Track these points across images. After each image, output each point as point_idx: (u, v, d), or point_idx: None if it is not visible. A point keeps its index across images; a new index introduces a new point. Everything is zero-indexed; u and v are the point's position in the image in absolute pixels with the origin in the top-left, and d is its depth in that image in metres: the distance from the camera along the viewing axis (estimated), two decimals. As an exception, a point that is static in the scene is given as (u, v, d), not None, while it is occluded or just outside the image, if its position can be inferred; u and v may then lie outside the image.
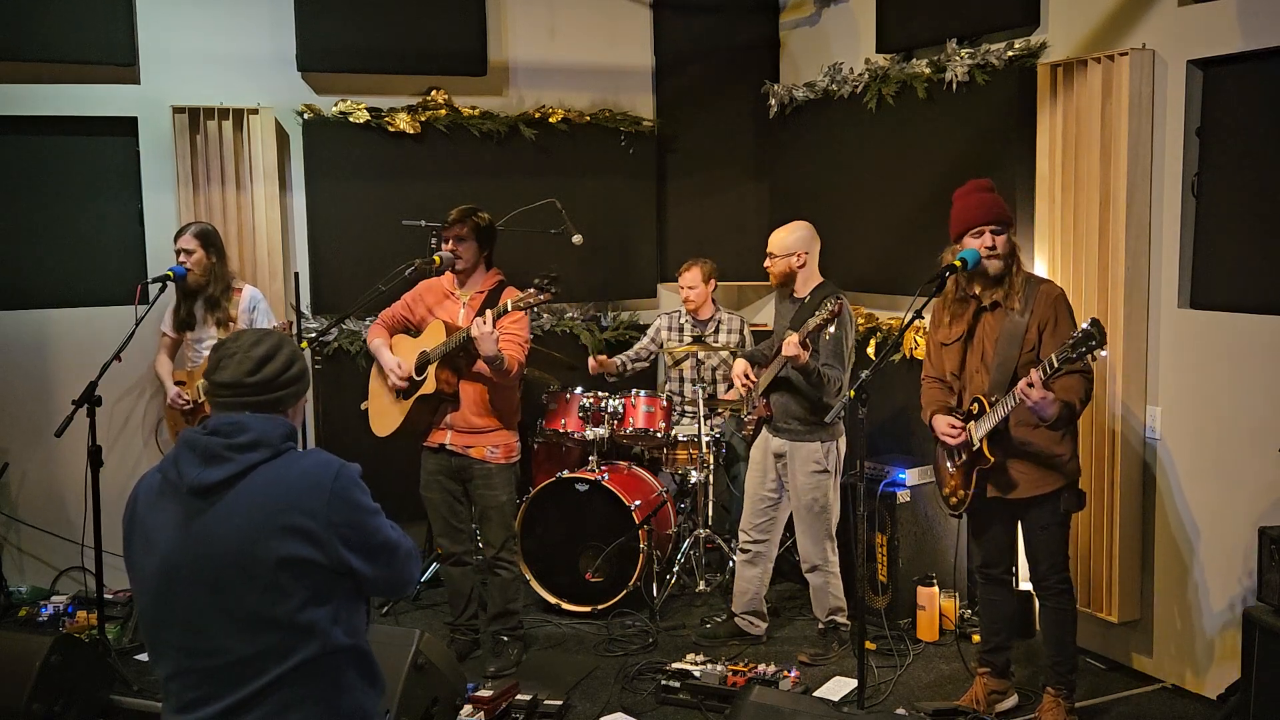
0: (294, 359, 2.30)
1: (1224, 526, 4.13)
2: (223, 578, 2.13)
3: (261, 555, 2.11)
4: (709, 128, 6.53)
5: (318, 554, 2.14)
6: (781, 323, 4.73)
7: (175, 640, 2.18)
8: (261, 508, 2.14)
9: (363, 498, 2.24)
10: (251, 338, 2.29)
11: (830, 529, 4.66)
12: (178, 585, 2.16)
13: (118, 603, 5.41)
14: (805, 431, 4.57)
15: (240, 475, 2.16)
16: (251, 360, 2.23)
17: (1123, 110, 4.27)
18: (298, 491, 2.16)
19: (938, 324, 4.06)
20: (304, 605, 2.14)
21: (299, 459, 2.23)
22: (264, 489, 2.16)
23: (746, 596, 4.85)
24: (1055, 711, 3.92)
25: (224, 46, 5.67)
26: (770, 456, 4.71)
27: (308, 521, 2.14)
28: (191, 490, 2.16)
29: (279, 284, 5.70)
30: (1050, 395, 3.54)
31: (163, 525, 2.19)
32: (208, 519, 2.15)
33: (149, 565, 2.20)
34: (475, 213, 4.54)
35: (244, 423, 2.20)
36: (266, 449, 2.19)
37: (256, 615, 2.12)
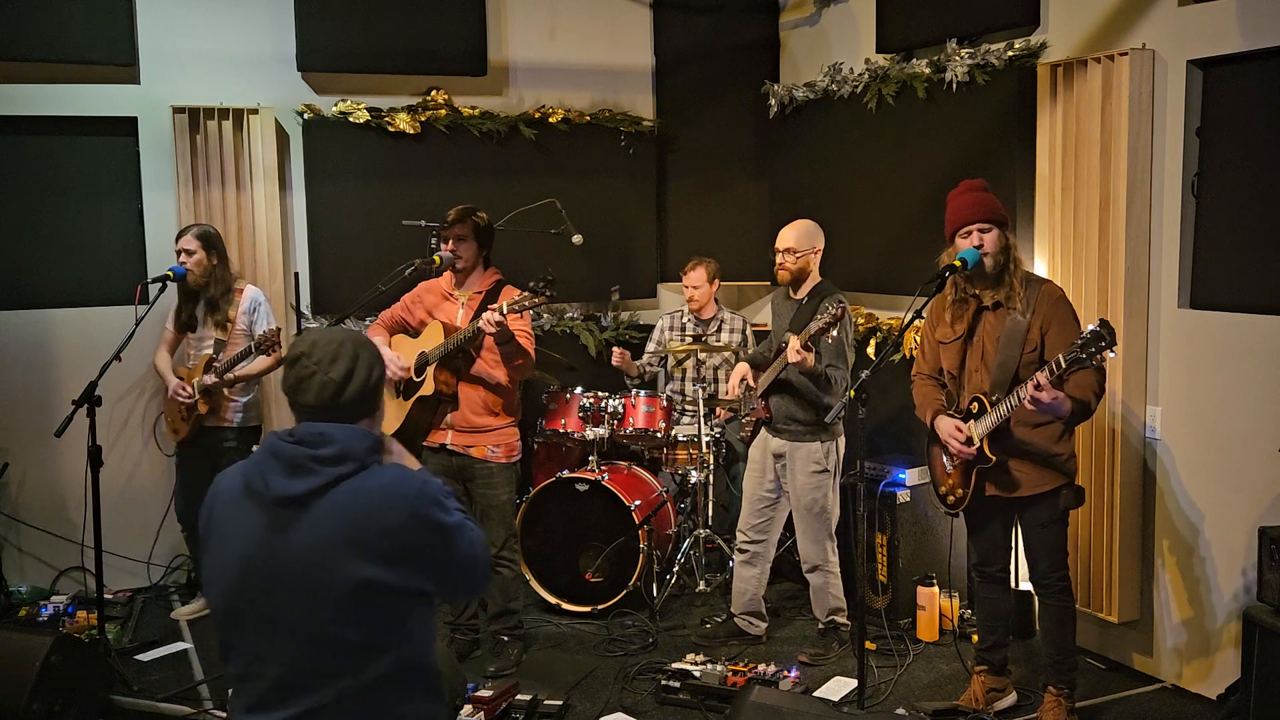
0: (373, 366, 2.25)
1: (1224, 526, 4.13)
2: (298, 592, 2.12)
3: (338, 575, 2.11)
4: (709, 128, 6.53)
5: (393, 577, 2.13)
6: (780, 323, 4.72)
7: (247, 645, 2.18)
8: (342, 525, 2.12)
9: (444, 518, 2.20)
10: (326, 352, 2.21)
11: (830, 529, 4.66)
12: (253, 592, 2.15)
13: (118, 603, 5.42)
14: (805, 432, 4.57)
15: (324, 489, 2.14)
16: (334, 384, 2.19)
17: (1123, 110, 4.27)
18: (379, 510, 2.14)
19: (935, 322, 4.06)
20: (376, 626, 2.13)
21: (381, 475, 2.20)
22: (346, 506, 2.14)
23: (745, 596, 4.85)
24: (1056, 711, 3.93)
25: (224, 46, 5.67)
26: (769, 456, 4.71)
27: (386, 542, 2.12)
28: (275, 500, 2.15)
29: (279, 284, 5.70)
30: (1061, 395, 3.54)
31: (242, 530, 2.18)
32: (289, 531, 2.14)
33: (226, 569, 2.20)
34: (474, 213, 4.55)
35: (330, 434, 2.17)
36: (352, 463, 2.16)
37: (328, 632, 2.12)
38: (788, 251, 4.60)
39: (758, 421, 4.74)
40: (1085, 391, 3.66)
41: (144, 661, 4.75)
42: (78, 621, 4.99)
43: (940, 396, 4.00)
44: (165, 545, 5.68)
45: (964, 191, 3.89)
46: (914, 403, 4.11)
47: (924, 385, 4.08)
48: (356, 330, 2.39)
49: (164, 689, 4.41)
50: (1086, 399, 3.66)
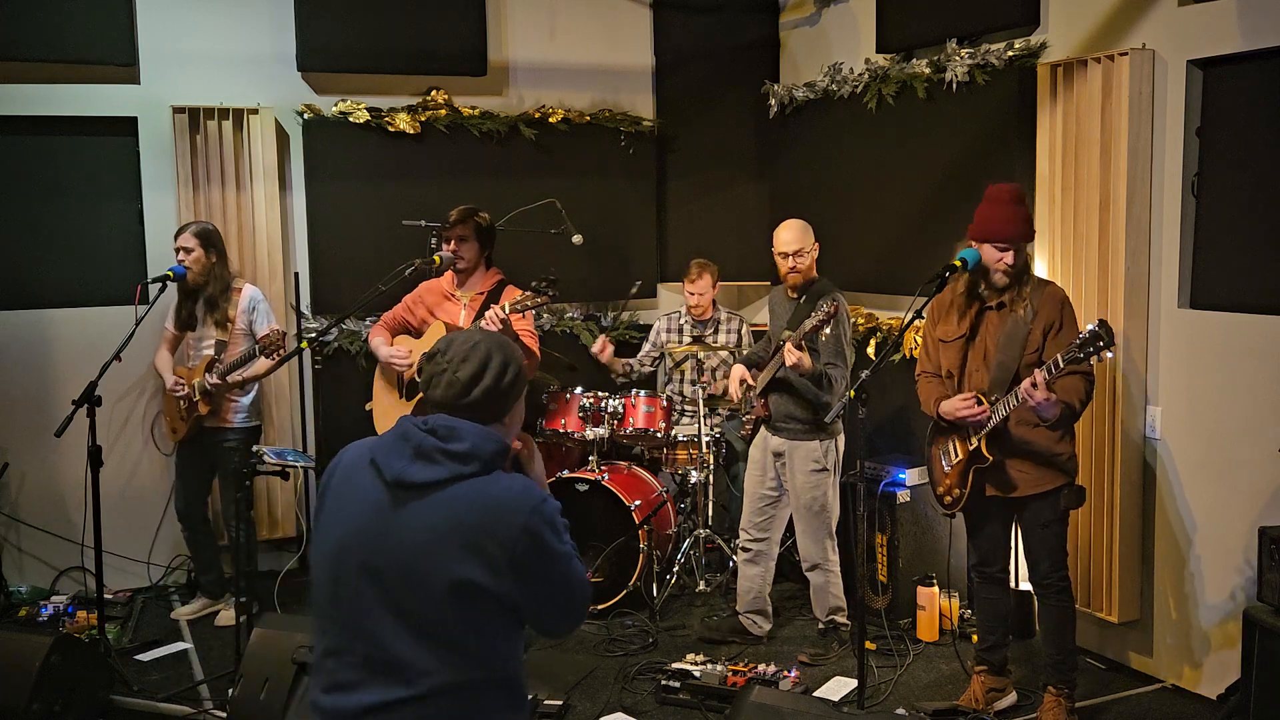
0: (505, 368, 2.24)
1: (1224, 526, 4.13)
2: (397, 577, 2.12)
3: (438, 569, 2.10)
4: (709, 128, 6.53)
5: (492, 583, 2.11)
6: (778, 322, 4.72)
7: (341, 616, 2.17)
8: (454, 522, 2.12)
9: (554, 540, 2.18)
10: (460, 351, 2.23)
11: (830, 528, 4.66)
12: (355, 567, 2.15)
13: (118, 603, 5.42)
14: (804, 431, 4.57)
15: (445, 482, 2.14)
16: (460, 383, 2.20)
17: (1123, 110, 4.27)
18: (492, 516, 2.13)
19: (937, 320, 4.06)
20: (466, 626, 2.12)
21: (502, 482, 2.19)
22: (462, 504, 2.13)
23: (750, 595, 4.85)
24: (1057, 711, 3.93)
25: (224, 46, 5.67)
26: (769, 455, 4.71)
27: (493, 548, 2.11)
28: (394, 482, 2.15)
29: (279, 284, 5.70)
30: (1053, 397, 3.56)
31: (356, 504, 2.19)
32: (401, 515, 2.14)
33: (332, 538, 2.20)
34: (476, 213, 4.55)
35: (461, 430, 2.17)
36: (477, 463, 2.16)
37: (421, 623, 2.11)
38: (798, 254, 4.58)
39: (757, 420, 4.74)
40: (1071, 396, 3.68)
41: (144, 661, 4.75)
42: (78, 621, 4.99)
43: (945, 392, 4.00)
44: (165, 545, 5.68)
45: (1003, 202, 3.84)
46: (918, 400, 4.12)
47: (928, 382, 4.08)
48: (501, 334, 2.37)
49: (164, 689, 4.41)
50: (1071, 403, 3.69)
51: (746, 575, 4.84)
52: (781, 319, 4.69)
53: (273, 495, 5.74)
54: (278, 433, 5.71)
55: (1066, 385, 3.66)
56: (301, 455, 4.78)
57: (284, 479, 4.66)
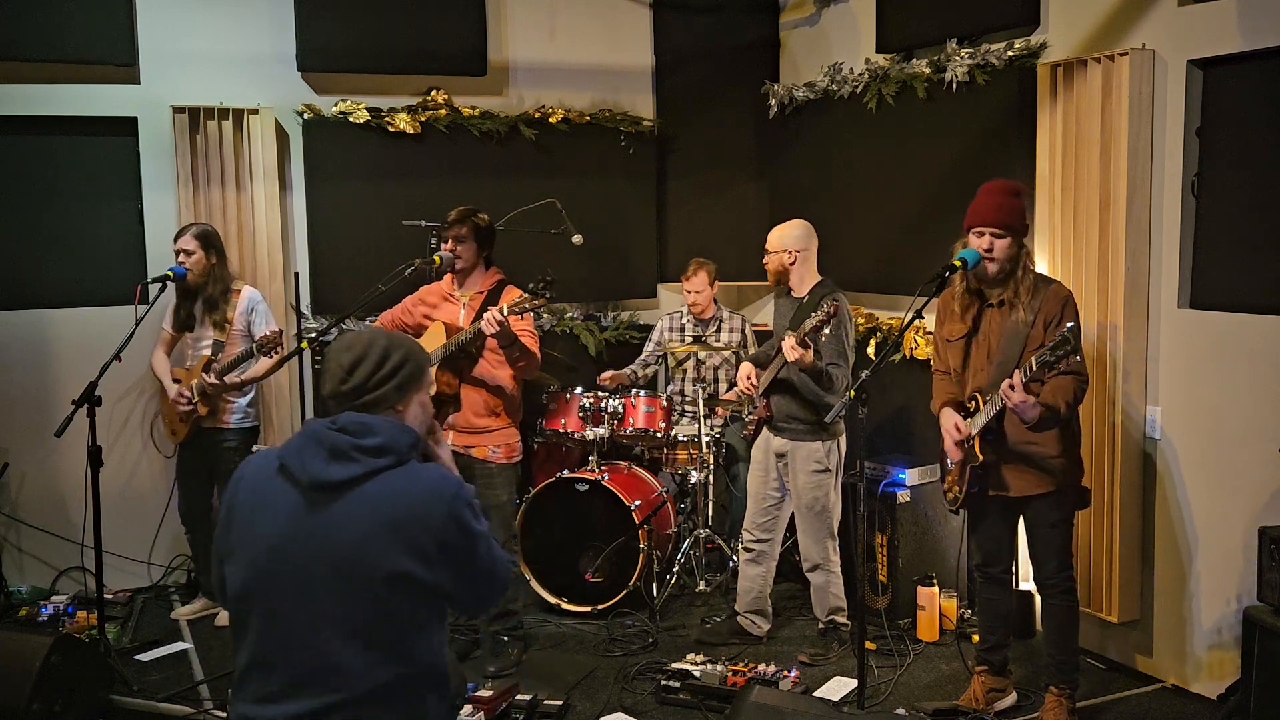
0: (386, 354, 2.26)
1: (1224, 526, 4.13)
2: (327, 579, 2.12)
3: (371, 565, 2.11)
4: (709, 128, 6.53)
5: (422, 570, 2.14)
6: (781, 322, 4.73)
7: (266, 628, 2.16)
8: (380, 516, 2.13)
9: (474, 523, 2.23)
10: (343, 343, 2.29)
11: (832, 528, 4.66)
12: (280, 574, 2.15)
13: (118, 603, 5.42)
14: (806, 431, 4.57)
15: (364, 478, 2.16)
16: (341, 369, 2.24)
17: (1123, 110, 4.27)
18: (417, 507, 2.15)
19: (942, 319, 4.07)
20: (398, 620, 2.13)
21: (421, 472, 2.22)
22: (385, 497, 2.15)
23: (751, 595, 4.85)
24: (1058, 711, 3.92)
25: (224, 46, 5.67)
26: (771, 456, 4.71)
27: (421, 536, 2.14)
28: (312, 484, 2.16)
29: (279, 284, 5.70)
30: (1030, 399, 3.55)
31: (273, 513, 2.18)
32: (324, 517, 2.14)
33: (252, 551, 2.18)
34: (475, 213, 4.55)
35: (372, 425, 2.19)
36: (392, 456, 2.18)
37: (353, 624, 2.11)
38: (768, 251, 4.68)
39: (759, 421, 4.74)
40: (1058, 397, 3.65)
41: (144, 661, 4.75)
42: (78, 621, 4.99)
43: (957, 391, 4.00)
44: (165, 545, 5.68)
45: (994, 191, 3.85)
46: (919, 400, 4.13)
47: (942, 380, 4.08)
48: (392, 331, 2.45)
49: (164, 689, 4.41)
50: (1056, 405, 3.64)
51: (748, 575, 4.84)
52: (785, 318, 4.70)
53: (273, 495, 5.73)
54: (278, 433, 5.71)
55: (1056, 386, 3.65)
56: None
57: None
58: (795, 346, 4.24)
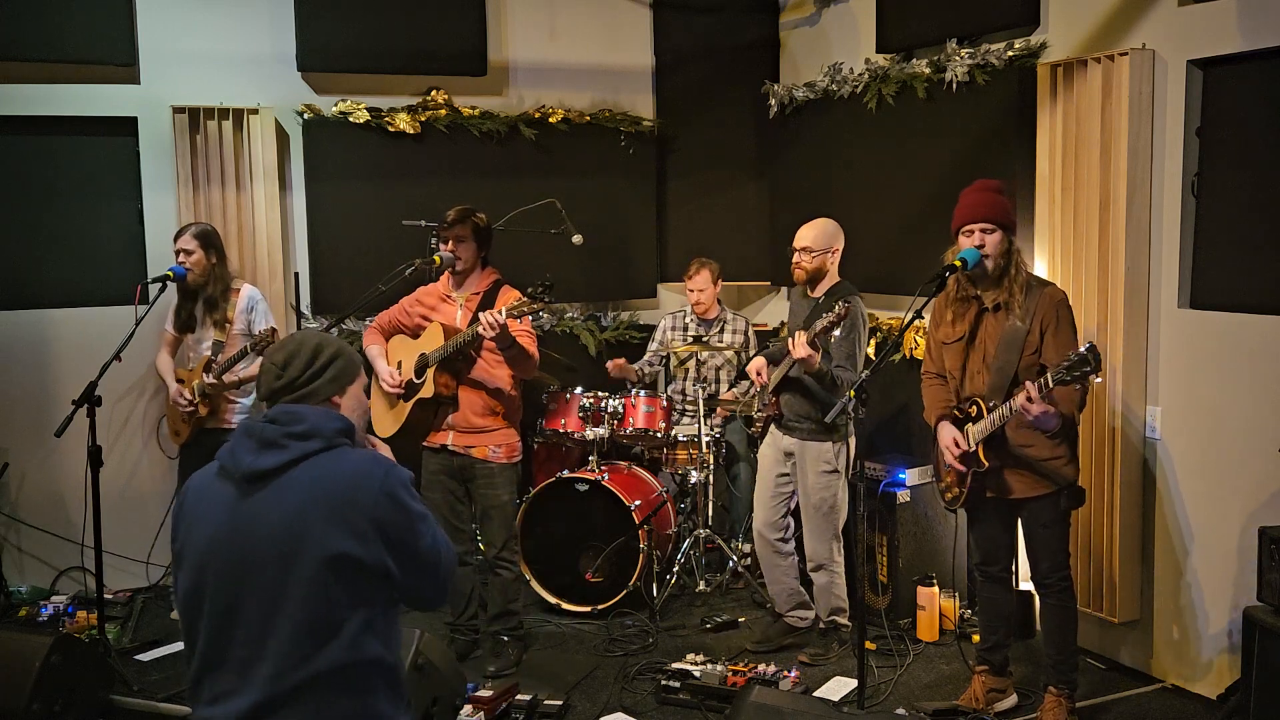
0: (318, 351, 2.35)
1: (1224, 526, 4.13)
2: (266, 567, 2.15)
3: (306, 546, 2.14)
4: (709, 128, 6.53)
5: (361, 551, 2.16)
6: (795, 321, 4.71)
7: (210, 628, 2.18)
8: (311, 498, 2.17)
9: (411, 501, 2.26)
10: (277, 346, 2.38)
11: (837, 529, 4.66)
12: (221, 569, 2.18)
13: (118, 603, 5.42)
14: (815, 431, 4.56)
15: (293, 463, 2.21)
16: (275, 368, 2.32)
17: (1123, 110, 4.27)
18: (348, 485, 2.19)
19: (938, 322, 4.07)
20: (340, 605, 2.15)
21: (351, 454, 2.27)
22: (316, 480, 2.20)
23: (787, 591, 4.81)
24: (1057, 711, 3.92)
25: (224, 46, 5.67)
26: (781, 454, 4.70)
27: (355, 515, 2.17)
28: (245, 476, 2.21)
29: (279, 284, 5.71)
30: (1052, 410, 3.55)
31: (212, 509, 2.23)
32: (256, 503, 2.19)
33: (192, 548, 2.23)
34: (473, 213, 4.55)
35: (300, 413, 2.26)
36: (320, 440, 2.24)
37: (296, 610, 2.13)
38: (804, 250, 4.59)
39: (768, 418, 4.74)
40: (1069, 406, 3.68)
41: (144, 661, 4.75)
42: (78, 621, 4.99)
43: (948, 398, 4.00)
44: (165, 545, 5.66)
45: (976, 190, 3.88)
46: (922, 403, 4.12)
47: (933, 385, 4.08)
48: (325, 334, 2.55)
49: (164, 689, 4.41)
50: (1071, 413, 3.70)
51: (777, 577, 4.79)
52: (799, 317, 4.69)
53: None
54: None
55: (1063, 395, 3.65)
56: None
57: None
58: (803, 345, 4.24)
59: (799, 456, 4.63)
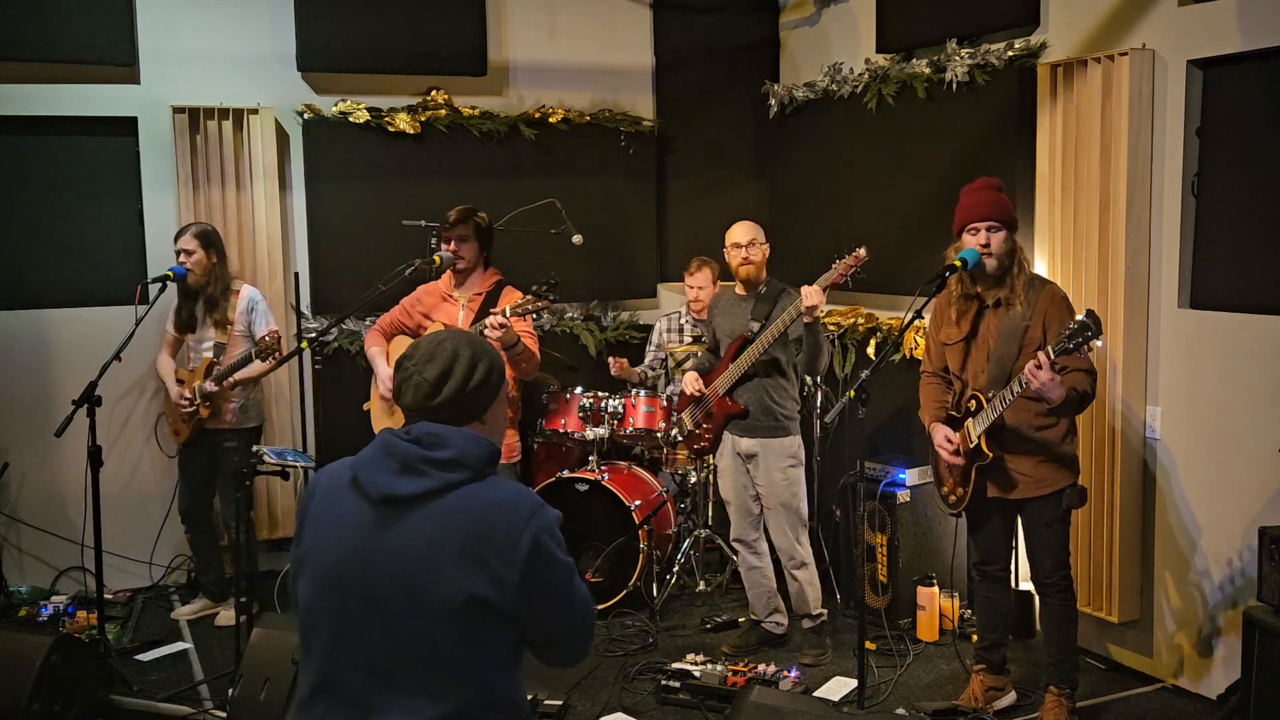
0: (474, 364, 2.13)
1: (1224, 526, 4.13)
2: (395, 599, 2.01)
3: (439, 587, 1.99)
4: (709, 128, 6.52)
5: (495, 595, 2.01)
6: (732, 323, 4.70)
7: (328, 648, 2.07)
8: (449, 534, 2.01)
9: (556, 549, 2.08)
10: (425, 353, 2.14)
11: (804, 520, 4.67)
12: (347, 590, 2.04)
13: (118, 603, 5.42)
14: (778, 427, 4.57)
15: (435, 494, 2.04)
16: (428, 384, 2.11)
17: (1123, 110, 4.26)
18: (490, 525, 2.02)
19: (939, 322, 4.06)
20: (471, 650, 2.01)
21: (498, 487, 2.09)
22: (456, 514, 2.03)
23: (767, 594, 4.81)
24: (1058, 711, 3.93)
25: (224, 46, 5.67)
26: (740, 459, 4.68)
27: (493, 559, 2.00)
28: (381, 498, 2.05)
29: (279, 284, 5.70)
30: (1057, 377, 3.54)
31: (341, 526, 2.08)
32: (392, 533, 2.03)
33: (320, 565, 2.09)
34: (474, 213, 4.55)
35: (446, 437, 2.07)
36: (466, 470, 2.06)
37: (422, 648, 2.01)
38: (751, 245, 4.61)
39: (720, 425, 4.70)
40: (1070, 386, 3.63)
41: (144, 661, 4.75)
42: (78, 621, 4.99)
43: (945, 399, 4.00)
44: (165, 545, 5.68)
45: (979, 189, 3.88)
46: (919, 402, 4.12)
47: (929, 385, 4.08)
48: (472, 333, 2.29)
49: (164, 689, 4.41)
50: (1072, 390, 3.62)
51: (755, 581, 4.80)
52: (737, 318, 4.67)
53: (273, 495, 5.74)
54: (278, 433, 5.71)
55: (1069, 378, 3.65)
56: (301, 455, 4.78)
57: (284, 479, 4.65)
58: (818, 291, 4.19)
59: (762, 455, 4.60)
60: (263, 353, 4.73)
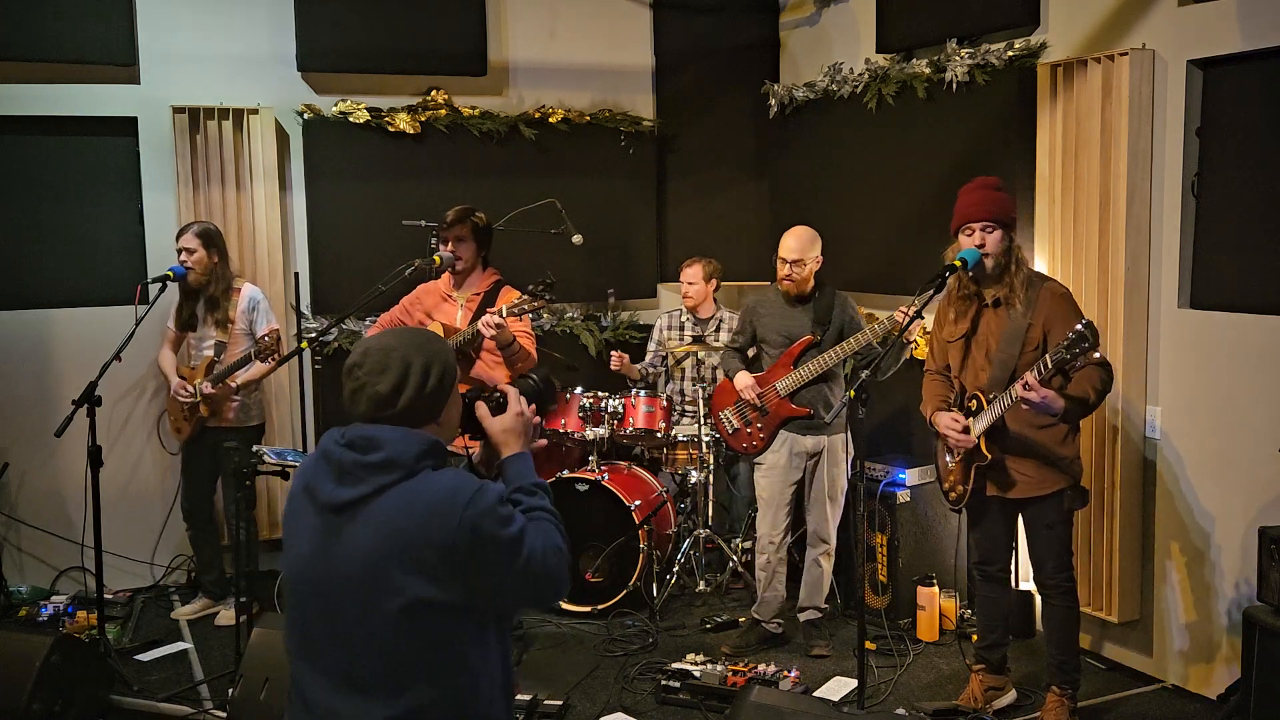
0: (427, 371, 2.13)
1: (1224, 526, 4.14)
2: (347, 605, 2.05)
3: (384, 593, 2.02)
4: (709, 128, 6.52)
5: (440, 594, 2.02)
6: (782, 323, 4.72)
7: (295, 654, 2.14)
8: (386, 537, 2.02)
9: (497, 529, 2.05)
10: (376, 363, 2.12)
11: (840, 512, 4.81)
12: (304, 598, 2.12)
13: (118, 603, 5.42)
14: (838, 424, 4.68)
15: (370, 497, 2.05)
16: (382, 397, 2.10)
17: (1123, 110, 4.27)
18: (424, 521, 2.02)
19: (941, 322, 4.07)
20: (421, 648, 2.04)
21: (430, 482, 2.07)
22: (393, 518, 2.03)
23: (780, 598, 4.85)
24: (1059, 711, 3.92)
25: (224, 46, 5.67)
26: (795, 458, 4.72)
27: (431, 556, 2.01)
28: (324, 505, 2.09)
29: (279, 284, 5.70)
30: (1050, 394, 3.55)
31: (302, 533, 2.13)
32: (338, 539, 2.07)
33: (287, 565, 2.17)
34: (473, 213, 4.55)
35: (378, 439, 2.07)
36: (399, 470, 2.06)
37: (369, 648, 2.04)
38: (797, 264, 4.63)
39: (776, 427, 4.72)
40: (1085, 387, 3.65)
41: (144, 661, 4.75)
42: (78, 621, 4.99)
43: (947, 394, 4.00)
44: (165, 545, 5.68)
45: (975, 189, 3.88)
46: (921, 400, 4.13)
47: (931, 382, 4.08)
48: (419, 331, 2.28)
49: (164, 689, 4.41)
50: (1085, 394, 3.64)
51: (773, 586, 4.83)
52: (788, 321, 4.71)
53: (273, 495, 5.74)
54: (278, 433, 5.71)
55: (1083, 376, 3.65)
56: (302, 455, 4.78)
57: (284, 479, 4.65)
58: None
59: (828, 451, 4.71)
60: (262, 353, 4.73)
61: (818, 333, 4.66)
